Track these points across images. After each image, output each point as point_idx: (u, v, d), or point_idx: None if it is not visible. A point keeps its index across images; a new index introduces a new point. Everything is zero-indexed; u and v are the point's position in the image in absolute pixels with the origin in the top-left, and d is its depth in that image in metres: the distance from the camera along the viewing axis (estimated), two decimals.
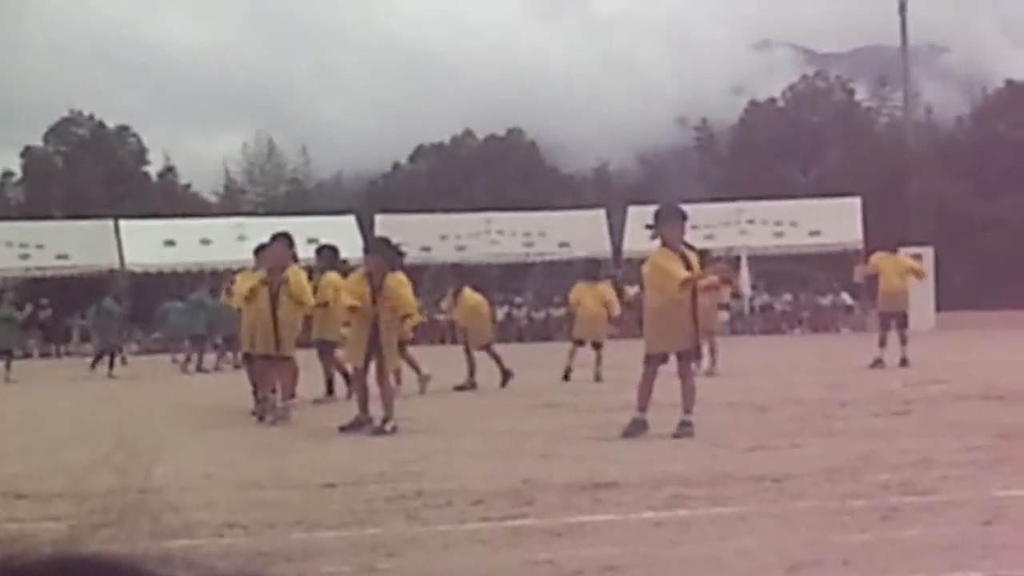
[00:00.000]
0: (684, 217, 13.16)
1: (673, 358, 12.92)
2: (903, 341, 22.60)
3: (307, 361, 18.13)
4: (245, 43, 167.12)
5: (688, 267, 12.78)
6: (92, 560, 0.74)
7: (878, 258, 24.08)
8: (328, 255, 18.63)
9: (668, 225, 12.97)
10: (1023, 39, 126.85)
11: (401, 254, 15.40)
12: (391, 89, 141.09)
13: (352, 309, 14.63)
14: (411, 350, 19.27)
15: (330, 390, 18.61)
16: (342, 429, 13.98)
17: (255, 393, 16.40)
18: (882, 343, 22.68)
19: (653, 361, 12.91)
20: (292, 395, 16.62)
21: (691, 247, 13.34)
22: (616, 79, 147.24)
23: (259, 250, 17.23)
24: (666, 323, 12.77)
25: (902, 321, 23.10)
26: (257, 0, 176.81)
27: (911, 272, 24.07)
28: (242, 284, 17.17)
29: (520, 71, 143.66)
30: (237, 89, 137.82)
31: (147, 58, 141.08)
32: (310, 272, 17.50)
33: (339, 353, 17.44)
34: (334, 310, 16.89)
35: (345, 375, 17.59)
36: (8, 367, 29.33)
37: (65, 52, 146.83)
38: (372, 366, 14.31)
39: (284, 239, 16.23)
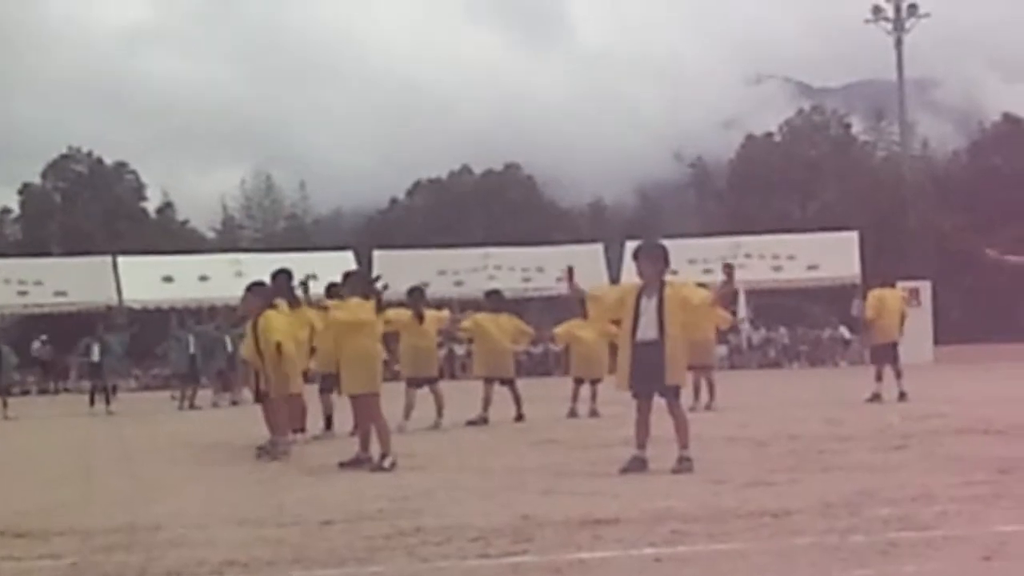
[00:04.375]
0: (650, 253, 13.05)
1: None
2: (898, 375, 22.71)
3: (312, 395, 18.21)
4: (243, 80, 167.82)
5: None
6: None
7: (877, 296, 24.17)
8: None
9: (639, 261, 12.98)
10: (1015, 73, 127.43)
11: (372, 282, 15.08)
12: (388, 126, 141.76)
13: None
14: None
15: (328, 426, 18.52)
16: (341, 465, 13.96)
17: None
18: (878, 377, 22.81)
19: (634, 396, 12.89)
20: (295, 430, 16.63)
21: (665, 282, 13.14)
22: (612, 114, 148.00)
23: (250, 288, 16.68)
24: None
25: (894, 353, 23.22)
26: (256, 38, 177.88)
27: (904, 308, 24.49)
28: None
29: (516, 106, 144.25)
30: (235, 126, 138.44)
31: (145, 95, 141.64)
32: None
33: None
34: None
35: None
36: (5, 405, 29.26)
37: (63, 89, 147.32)
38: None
39: (265, 285, 16.37)
